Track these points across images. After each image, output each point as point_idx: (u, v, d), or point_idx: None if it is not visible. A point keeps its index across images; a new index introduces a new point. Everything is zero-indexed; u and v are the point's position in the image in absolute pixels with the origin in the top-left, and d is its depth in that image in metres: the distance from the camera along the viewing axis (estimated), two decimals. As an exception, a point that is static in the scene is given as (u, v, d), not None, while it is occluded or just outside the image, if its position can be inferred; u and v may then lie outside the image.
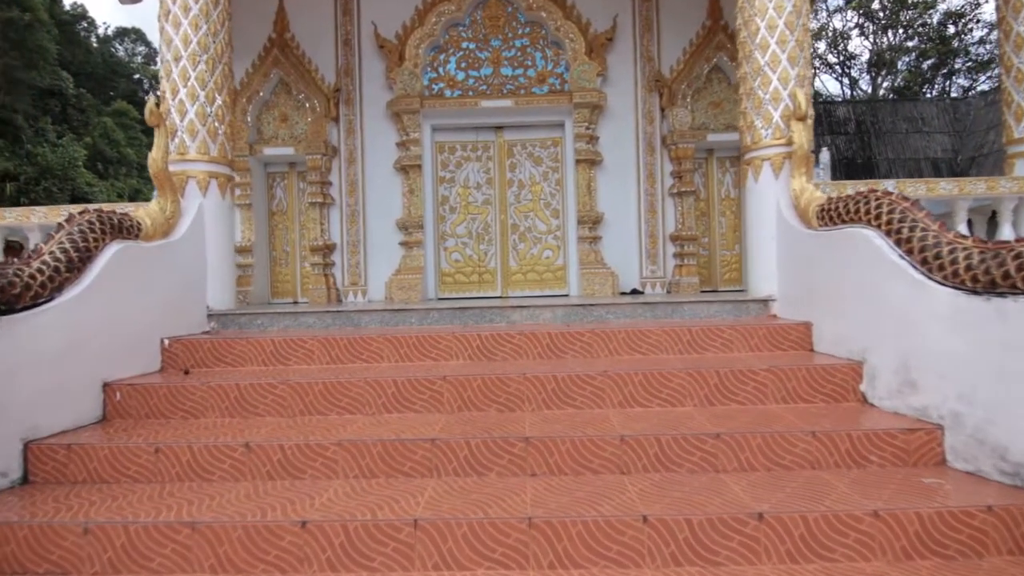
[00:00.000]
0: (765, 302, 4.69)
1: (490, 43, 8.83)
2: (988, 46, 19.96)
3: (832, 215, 4.01)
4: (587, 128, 8.57)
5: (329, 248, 8.73)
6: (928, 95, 20.01)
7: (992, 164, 15.61)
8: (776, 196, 4.67)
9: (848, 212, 3.84)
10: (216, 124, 4.94)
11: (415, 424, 3.45)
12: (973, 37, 20.21)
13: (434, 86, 8.79)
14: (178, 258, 4.53)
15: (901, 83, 20.84)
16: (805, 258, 4.30)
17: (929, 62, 21.05)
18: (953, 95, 19.71)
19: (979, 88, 20.34)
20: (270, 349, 4.27)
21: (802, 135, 4.50)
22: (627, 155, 8.76)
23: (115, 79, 32.28)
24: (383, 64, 8.81)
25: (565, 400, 3.67)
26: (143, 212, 4.41)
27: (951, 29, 20.18)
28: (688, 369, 3.69)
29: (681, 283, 8.42)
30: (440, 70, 8.81)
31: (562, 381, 3.68)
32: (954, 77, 20.67)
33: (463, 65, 8.81)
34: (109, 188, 26.89)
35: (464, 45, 8.85)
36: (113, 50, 33.67)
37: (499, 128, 9.01)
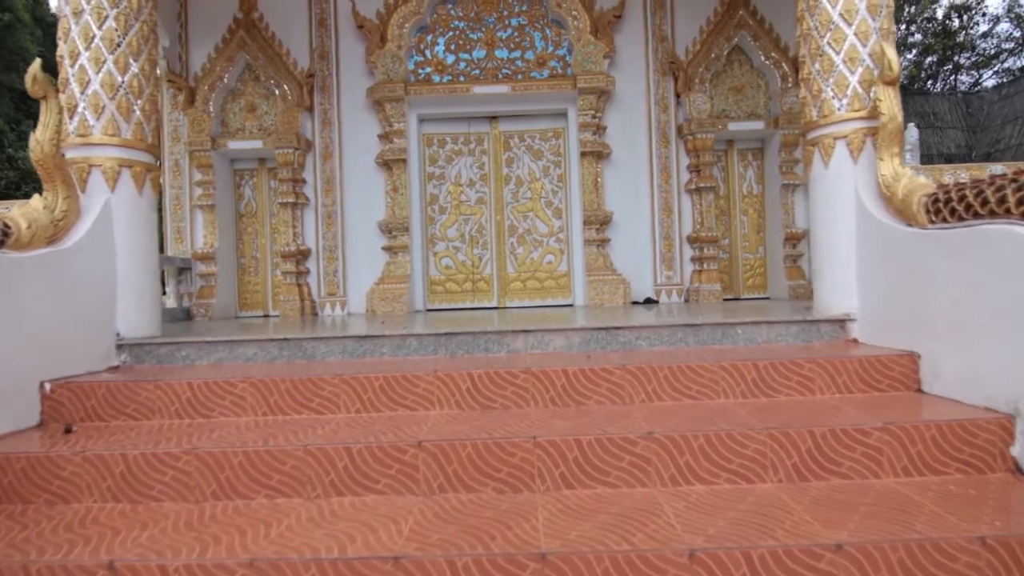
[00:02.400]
0: (841, 322, 3.51)
1: (483, 22, 7.63)
2: (994, 40, 18.90)
3: (953, 208, 2.83)
4: (593, 117, 7.37)
5: (303, 254, 7.49)
6: (934, 91, 18.93)
7: (1010, 160, 14.53)
8: (855, 184, 3.49)
9: (983, 204, 2.65)
10: (130, 98, 3.71)
11: (374, 519, 2.25)
12: (978, 31, 19.14)
13: (420, 71, 7.57)
14: (72, 272, 3.31)
15: (905, 79, 19.73)
16: (906, 266, 3.11)
17: (932, 58, 20.00)
18: (962, 90, 18.64)
19: (985, 83, 19.27)
20: (187, 396, 3.05)
21: (893, 104, 3.32)
22: (638, 147, 7.56)
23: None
24: (363, 46, 7.59)
25: (593, 476, 2.47)
26: (18, 212, 3.18)
27: (955, 23, 19.12)
28: (769, 428, 2.50)
29: (701, 291, 7.23)
30: (427, 53, 7.60)
31: (588, 447, 2.48)
32: (960, 72, 19.60)
33: (453, 47, 7.61)
34: (95, 193, 25.50)
35: (454, 24, 7.64)
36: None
37: (494, 118, 7.81)
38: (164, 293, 7.16)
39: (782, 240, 7.35)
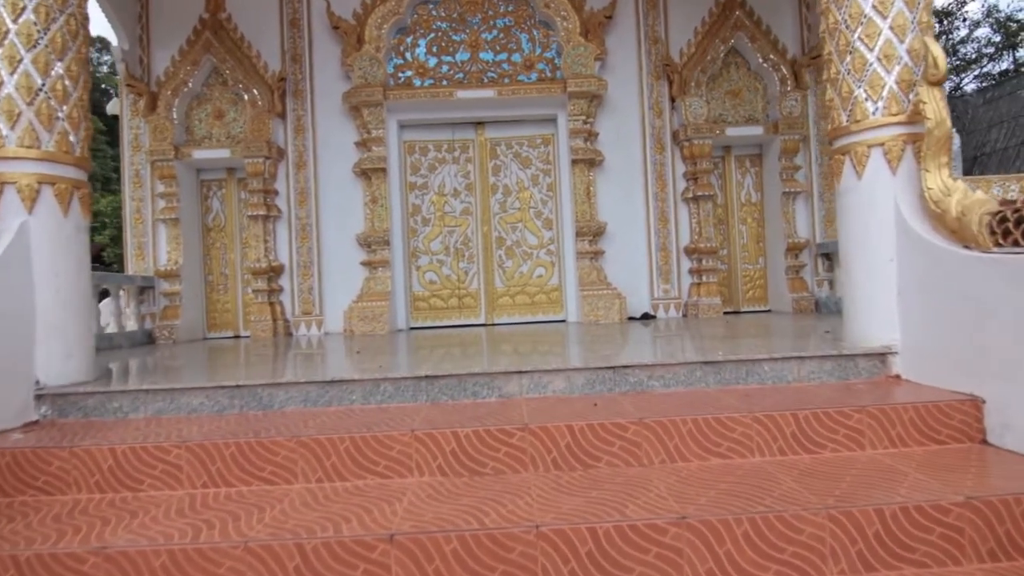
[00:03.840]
0: (882, 356, 3.02)
1: (467, 23, 7.09)
2: (975, 44, 18.78)
3: (1028, 229, 2.34)
4: (584, 122, 6.87)
5: (275, 270, 6.88)
6: (916, 95, 18.74)
7: (997, 163, 14.31)
8: (894, 198, 3.01)
9: (1071, 224, 2.17)
10: (52, 104, 3.11)
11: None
12: (958, 35, 19.03)
13: (400, 74, 7.01)
14: (-26, 311, 2.70)
15: None
16: (963, 294, 2.62)
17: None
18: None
19: (965, 87, 19.16)
20: (110, 465, 2.46)
21: (940, 107, 2.84)
22: (632, 154, 7.07)
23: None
24: (338, 48, 7.01)
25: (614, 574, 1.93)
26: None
27: (936, 28, 18.98)
28: (827, 508, 1.98)
29: (700, 305, 6.74)
30: (407, 55, 7.04)
31: (606, 538, 1.94)
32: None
33: (435, 49, 7.06)
34: (70, 202, 24.46)
35: (436, 25, 7.09)
36: (96, 56, 31.20)
37: (479, 124, 7.27)
38: (123, 313, 6.51)
39: (783, 250, 6.89)
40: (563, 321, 7.15)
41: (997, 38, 18.32)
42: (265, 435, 2.50)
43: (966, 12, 18.61)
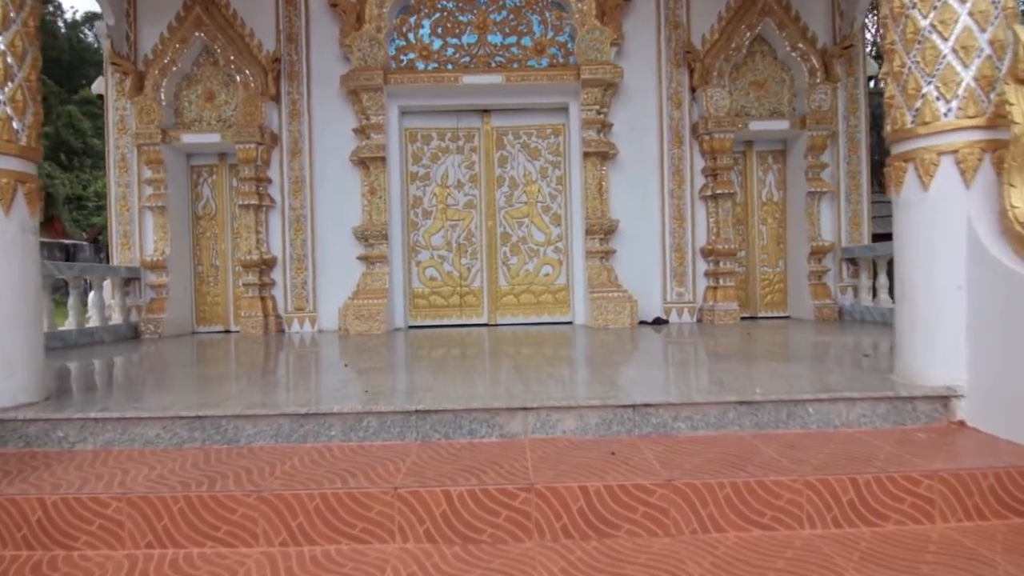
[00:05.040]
0: (944, 400, 2.58)
1: (475, 3, 6.56)
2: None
3: None
4: (598, 112, 6.36)
5: (267, 263, 6.45)
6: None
7: None
8: (968, 216, 2.55)
9: None
10: (-8, 83, 2.66)
11: None
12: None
13: (403, 57, 6.51)
14: None
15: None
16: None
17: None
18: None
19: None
20: (38, 518, 2.05)
21: (1031, 108, 2.36)
22: (648, 147, 6.57)
23: (83, 67, 29.25)
24: (337, 28, 6.51)
25: None
26: None
27: None
28: (909, 619, 1.55)
29: (716, 310, 6.29)
30: (410, 36, 6.53)
31: (629, 650, 1.52)
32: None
33: (440, 31, 6.54)
34: (73, 180, 24.16)
35: (441, 5, 6.57)
36: (81, 36, 30.58)
37: (486, 112, 6.77)
38: (106, 306, 6.11)
39: (806, 254, 6.41)
40: (569, 323, 6.71)
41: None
42: (222, 487, 2.08)
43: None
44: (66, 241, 21.18)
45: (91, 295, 6.01)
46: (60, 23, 29.90)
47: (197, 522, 2.04)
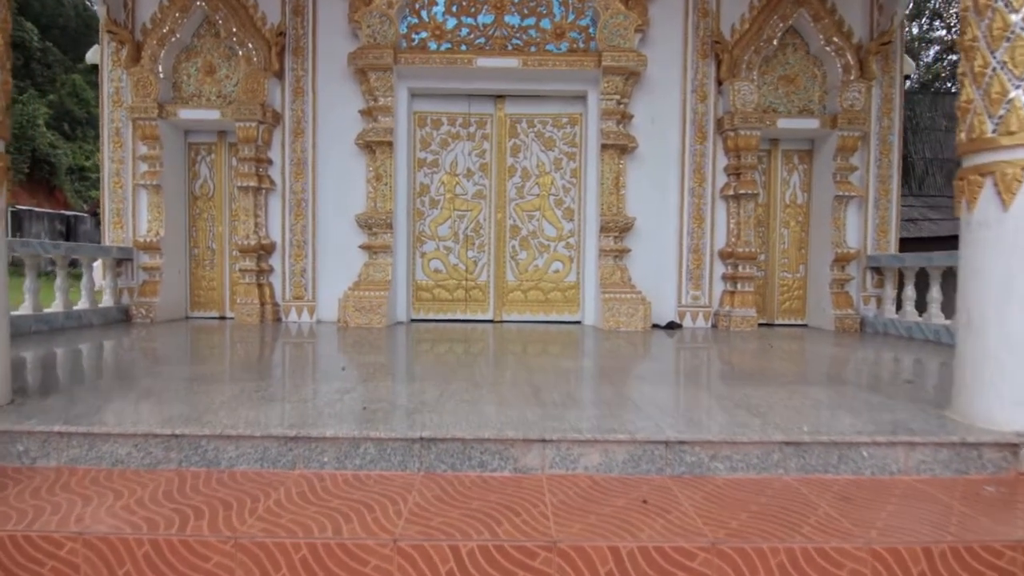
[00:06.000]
0: (1014, 447, 2.27)
1: (492, -20, 6.15)
2: None
3: None
4: (618, 103, 5.99)
5: (265, 249, 6.12)
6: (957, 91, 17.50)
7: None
8: (1055, 241, 2.23)
9: None
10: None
11: None
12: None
13: (414, 35, 6.11)
14: None
15: (915, 80, 18.23)
16: None
17: (953, 56, 18.54)
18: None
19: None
20: (-22, 555, 1.76)
21: None
22: (669, 141, 6.20)
23: (89, 34, 28.58)
24: (345, 2, 6.10)
25: None
26: None
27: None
28: None
29: (732, 316, 5.97)
30: (423, 14, 6.13)
31: None
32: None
33: (455, 9, 6.14)
34: (76, 150, 23.73)
35: (457, -19, 6.16)
36: (88, 3, 29.90)
37: (500, 97, 6.40)
38: (96, 287, 5.80)
39: (830, 261, 6.07)
40: (578, 323, 6.40)
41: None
42: (194, 530, 1.78)
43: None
44: (67, 212, 20.83)
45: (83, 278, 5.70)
46: (66, -11, 29.25)
47: (165, 569, 1.74)
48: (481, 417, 2.45)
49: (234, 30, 6.01)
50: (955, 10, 17.85)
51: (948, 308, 5.42)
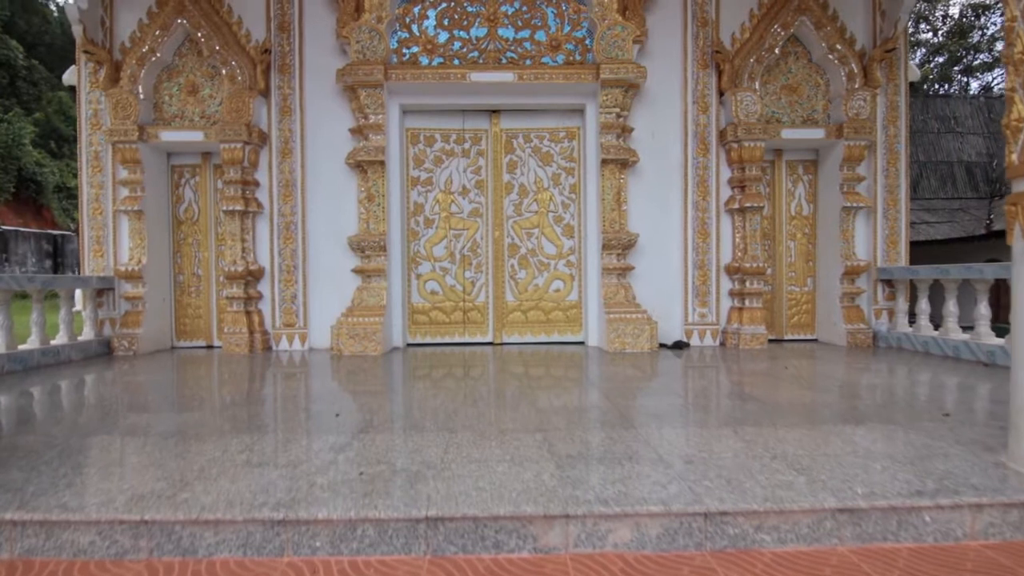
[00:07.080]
0: (1091, 503, 2.02)
1: (484, -8, 5.90)
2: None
3: None
4: (618, 116, 5.74)
5: (253, 275, 5.81)
6: (947, 92, 17.48)
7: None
8: None
9: None
10: None
11: None
12: (994, 27, 17.68)
13: (405, 50, 5.85)
14: None
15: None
16: None
17: (940, 58, 18.55)
18: (980, 93, 17.20)
19: (997, 86, 17.89)
20: None
21: None
22: (671, 155, 5.96)
23: (76, 52, 28.21)
24: (333, 17, 5.84)
25: None
26: None
27: (972, 23, 17.63)
28: None
29: (741, 333, 5.72)
30: (414, 28, 5.87)
31: None
32: (971, 74, 18.18)
33: (446, 22, 5.88)
34: (63, 168, 23.28)
35: (448, -6, 5.91)
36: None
37: (495, 112, 6.14)
38: (74, 321, 5.47)
39: (839, 274, 5.84)
40: (582, 343, 6.13)
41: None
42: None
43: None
44: (54, 232, 20.39)
45: (61, 311, 5.36)
46: (52, 6, 28.89)
47: None
48: (493, 482, 2.16)
49: (217, 48, 5.72)
50: (940, 13, 17.86)
51: (964, 321, 5.20)
